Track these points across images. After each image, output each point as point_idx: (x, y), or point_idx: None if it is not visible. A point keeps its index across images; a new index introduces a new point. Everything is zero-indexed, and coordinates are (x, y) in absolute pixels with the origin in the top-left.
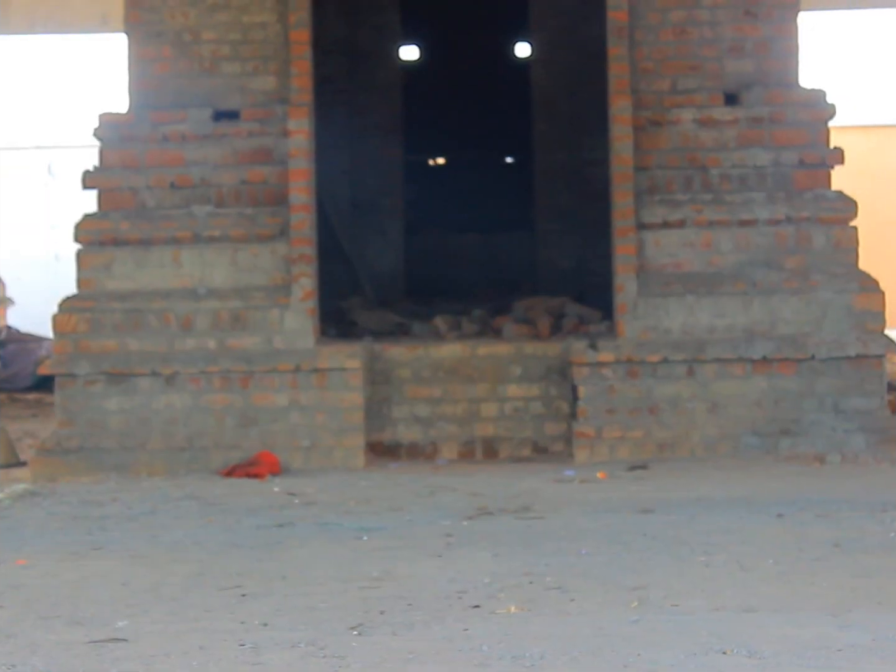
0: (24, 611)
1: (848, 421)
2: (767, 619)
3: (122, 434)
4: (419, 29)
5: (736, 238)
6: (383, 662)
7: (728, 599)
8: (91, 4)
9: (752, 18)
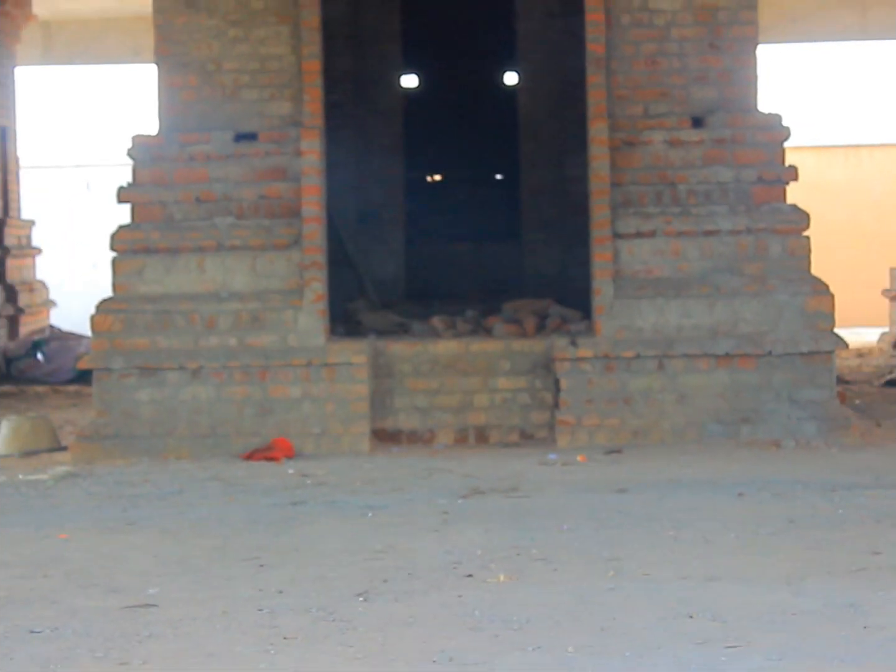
0: (66, 580)
1: (801, 410)
2: (729, 586)
3: (152, 422)
4: (418, 59)
5: (701, 247)
6: (386, 626)
7: (694, 569)
8: (124, 38)
9: (716, 50)
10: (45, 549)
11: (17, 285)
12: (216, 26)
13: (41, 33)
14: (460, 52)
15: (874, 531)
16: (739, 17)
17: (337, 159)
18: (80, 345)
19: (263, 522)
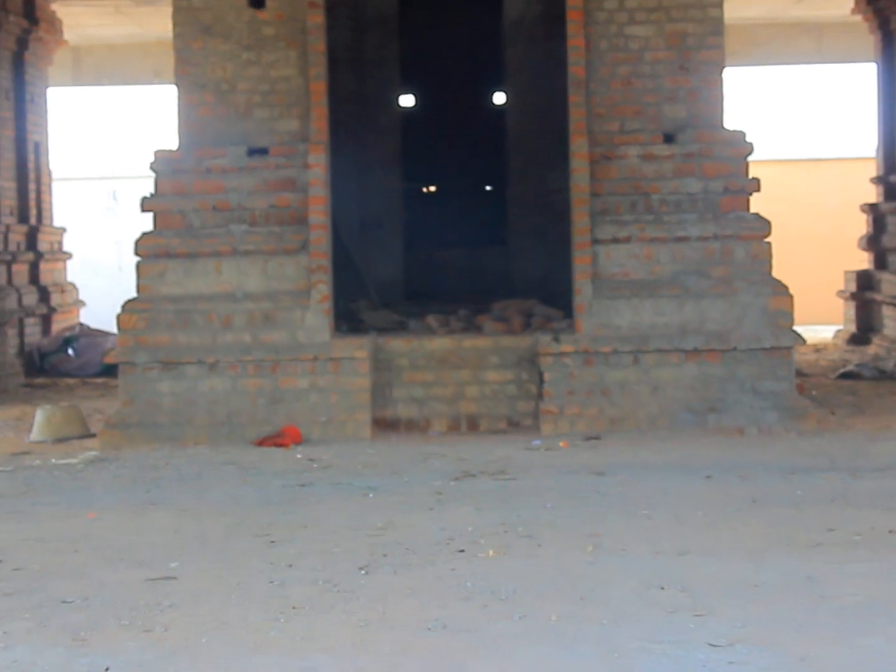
0: (94, 555)
1: (763, 400)
2: (698, 561)
3: (173, 411)
4: (415, 81)
5: (672, 252)
6: (386, 596)
7: (666, 545)
8: (146, 61)
9: (685, 72)
10: (75, 526)
11: (49, 287)
12: (230, 50)
13: (71, 57)
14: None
15: (829, 510)
16: (707, 42)
17: (341, 172)
18: (106, 341)
19: (274, 502)
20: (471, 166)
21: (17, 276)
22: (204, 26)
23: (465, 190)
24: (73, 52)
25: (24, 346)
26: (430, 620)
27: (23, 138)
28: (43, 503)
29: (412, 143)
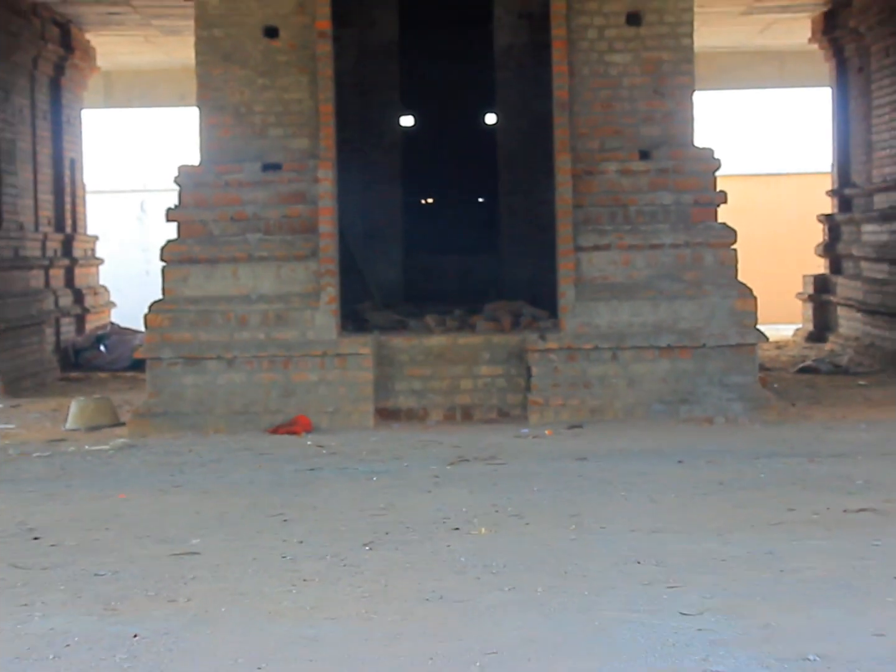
0: (124, 532)
1: (730, 392)
2: (671, 537)
3: (195, 402)
4: (414, 104)
5: (648, 258)
6: (388, 570)
7: (642, 524)
8: (172, 86)
9: (660, 96)
10: (106, 506)
11: (83, 289)
12: (247, 76)
13: (103, 82)
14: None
15: (789, 492)
16: (679, 69)
17: (347, 186)
18: (135, 338)
19: (287, 485)
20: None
21: (54, 280)
22: (224, 54)
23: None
24: (106, 77)
25: (60, 344)
26: (427, 592)
27: (59, 155)
28: (77, 485)
29: (411, 160)
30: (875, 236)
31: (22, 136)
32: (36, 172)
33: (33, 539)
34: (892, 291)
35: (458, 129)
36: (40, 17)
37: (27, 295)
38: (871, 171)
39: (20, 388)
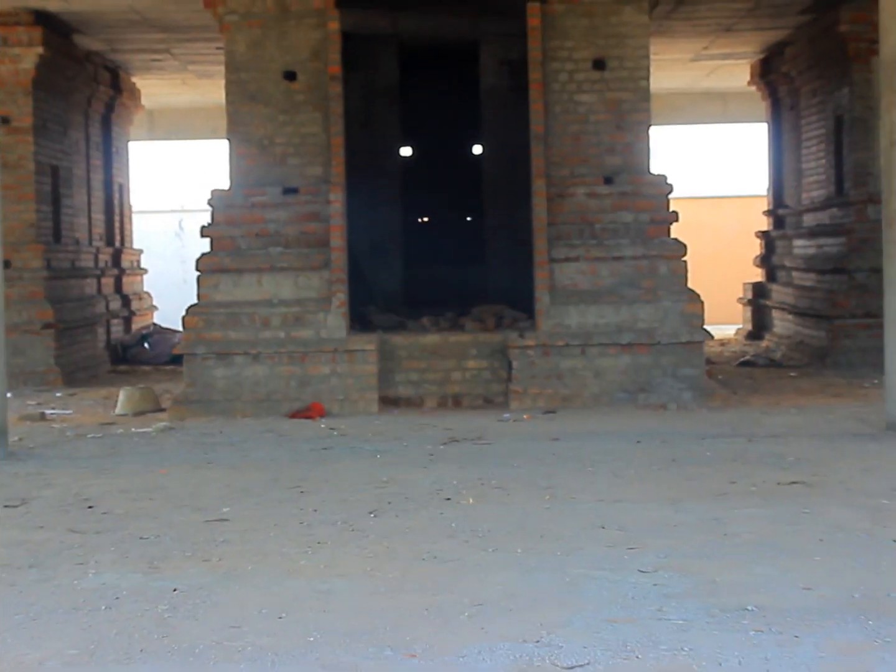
0: (165, 502)
1: (681, 383)
2: (631, 506)
3: (224, 391)
4: (412, 137)
5: (611, 268)
6: (390, 534)
7: (606, 494)
8: (206, 122)
9: (621, 130)
10: (150, 480)
11: (130, 295)
12: (269, 113)
13: (147, 118)
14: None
15: (731, 467)
16: (637, 107)
17: (354, 207)
18: (174, 337)
19: (303, 462)
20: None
21: (105, 287)
22: (249, 95)
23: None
24: (149, 114)
25: (110, 341)
26: (423, 553)
27: (109, 181)
28: (125, 462)
29: (410, 185)
30: (804, 250)
31: (77, 164)
32: (89, 195)
33: (88, 508)
34: (819, 297)
35: (450, 159)
36: (94, 64)
37: (82, 300)
38: (800, 195)
39: (76, 380)
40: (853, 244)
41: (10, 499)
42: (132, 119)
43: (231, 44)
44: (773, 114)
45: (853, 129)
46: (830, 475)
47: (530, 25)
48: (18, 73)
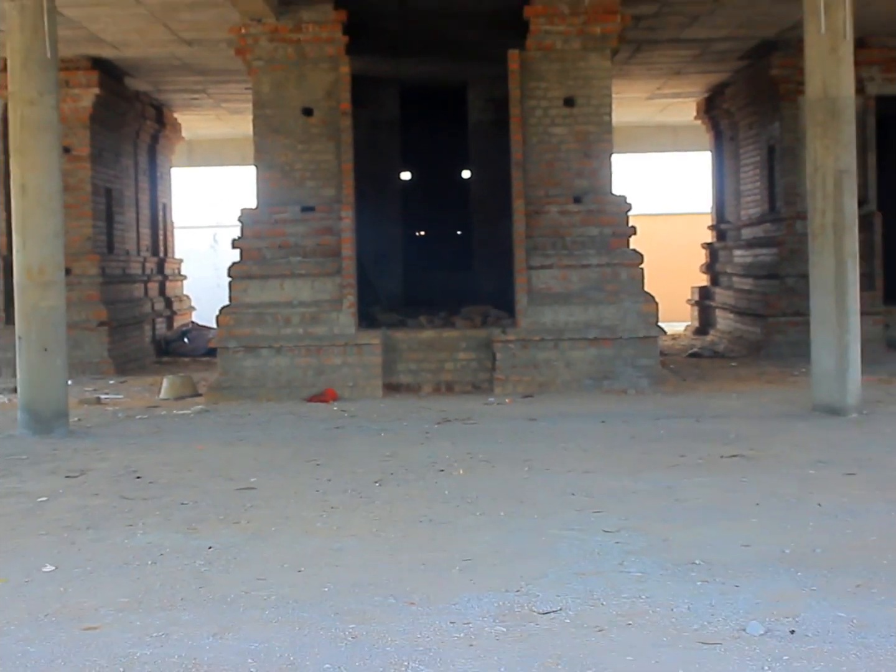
0: (202, 473)
1: (639, 371)
2: (596, 477)
3: (252, 379)
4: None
5: (579, 274)
6: (393, 500)
7: (576, 466)
8: (236, 150)
9: (587, 157)
10: (189, 454)
11: (172, 298)
12: (290, 143)
13: (186, 148)
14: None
15: (681, 443)
16: (601, 138)
17: (362, 222)
18: (209, 333)
19: (319, 439)
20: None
21: (151, 291)
22: (273, 128)
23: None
24: (188, 144)
25: (155, 337)
26: (421, 516)
27: (155, 201)
28: (168, 439)
29: (409, 204)
30: (742, 259)
31: (127, 186)
32: (137, 213)
33: (136, 478)
34: (755, 298)
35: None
36: (141, 102)
37: (131, 302)
38: (739, 212)
39: (126, 369)
40: (784, 254)
41: (70, 470)
42: (174, 148)
43: (258, 85)
44: (715, 144)
45: (783, 157)
46: (765, 449)
47: (510, 69)
48: (78, 110)
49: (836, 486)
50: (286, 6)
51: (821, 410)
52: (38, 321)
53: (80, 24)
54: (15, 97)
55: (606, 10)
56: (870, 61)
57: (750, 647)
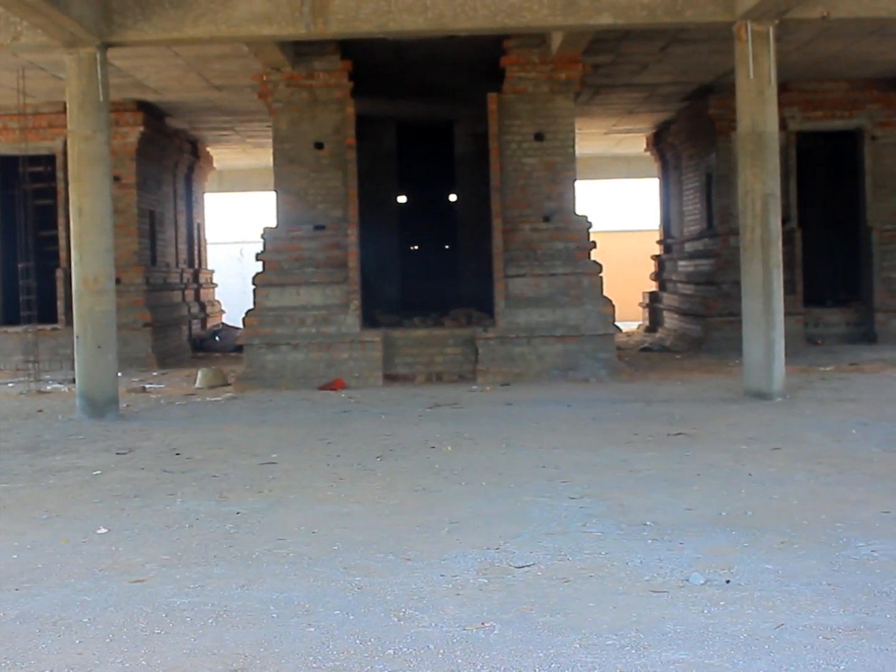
0: (231, 451)
1: (598, 363)
2: (563, 452)
3: (273, 371)
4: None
5: (549, 282)
6: (392, 473)
7: (546, 443)
8: (259, 178)
9: (555, 183)
10: (220, 435)
11: (205, 302)
12: (305, 172)
13: (217, 176)
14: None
15: (634, 423)
16: (567, 167)
17: (365, 239)
18: (237, 332)
19: (329, 421)
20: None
21: (187, 297)
22: (290, 159)
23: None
24: (219, 173)
25: (191, 335)
26: (416, 486)
27: (190, 221)
28: (202, 422)
29: (405, 222)
30: (685, 268)
31: (167, 209)
32: (176, 231)
33: (175, 454)
34: (696, 301)
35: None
36: (179, 138)
37: (171, 306)
38: (682, 229)
39: (167, 363)
40: (720, 264)
41: (120, 448)
42: (206, 177)
43: (277, 123)
44: (662, 172)
45: (719, 183)
46: (705, 428)
47: (490, 109)
48: (126, 145)
49: (764, 458)
50: (300, 57)
51: (751, 395)
52: (92, 323)
53: (127, 73)
54: (73, 134)
55: (570, 59)
56: (791, 102)
57: (692, 595)
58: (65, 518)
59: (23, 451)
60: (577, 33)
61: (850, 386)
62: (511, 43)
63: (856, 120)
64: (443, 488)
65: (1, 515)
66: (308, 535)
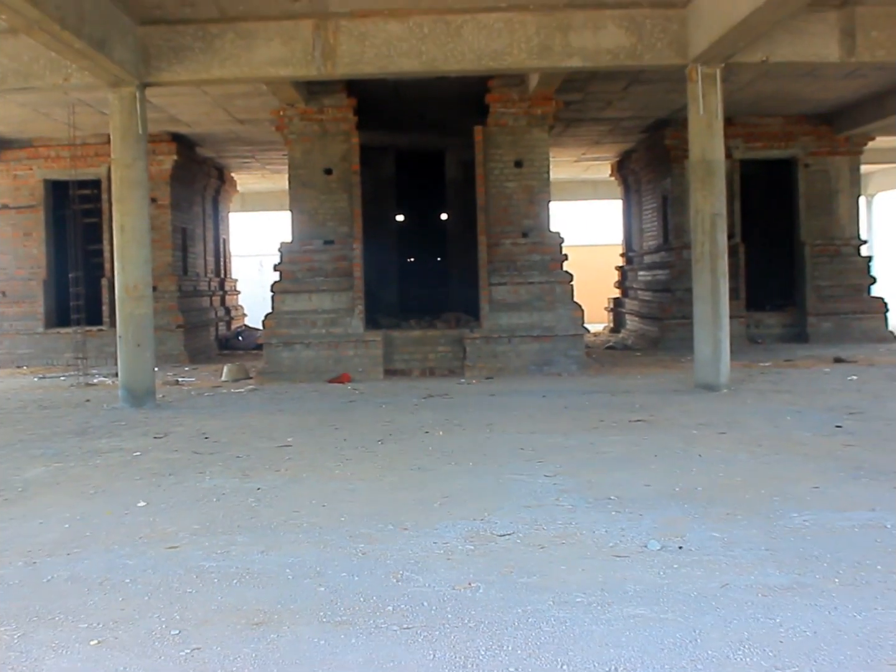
0: (250, 434)
1: (570, 360)
2: (540, 437)
3: (289, 366)
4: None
5: (527, 289)
6: (391, 454)
7: (525, 428)
8: (276, 200)
9: (532, 204)
10: (242, 421)
11: (230, 307)
12: (316, 194)
13: (240, 198)
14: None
15: (600, 411)
16: (542, 190)
17: (368, 251)
18: (257, 333)
19: (337, 410)
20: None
21: (214, 302)
22: (303, 183)
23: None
24: (242, 195)
25: (217, 336)
26: (412, 465)
27: (217, 237)
28: (228, 410)
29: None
30: (644, 277)
31: (197, 227)
32: (205, 246)
33: (204, 438)
34: (654, 306)
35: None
36: (208, 164)
37: (201, 310)
38: (642, 243)
39: (197, 360)
40: (674, 274)
41: (157, 433)
42: (231, 198)
43: (292, 152)
44: (625, 194)
45: (673, 204)
46: (661, 415)
47: (476, 140)
48: (161, 171)
49: (712, 441)
50: (312, 95)
51: (701, 387)
52: (133, 325)
53: (163, 109)
54: (116, 162)
55: (545, 97)
56: (735, 134)
57: (650, 559)
58: (109, 493)
59: (73, 436)
60: (551, 74)
61: (786, 379)
62: (494, 82)
63: (791, 150)
64: (435, 468)
65: (54, 490)
66: (319, 508)
